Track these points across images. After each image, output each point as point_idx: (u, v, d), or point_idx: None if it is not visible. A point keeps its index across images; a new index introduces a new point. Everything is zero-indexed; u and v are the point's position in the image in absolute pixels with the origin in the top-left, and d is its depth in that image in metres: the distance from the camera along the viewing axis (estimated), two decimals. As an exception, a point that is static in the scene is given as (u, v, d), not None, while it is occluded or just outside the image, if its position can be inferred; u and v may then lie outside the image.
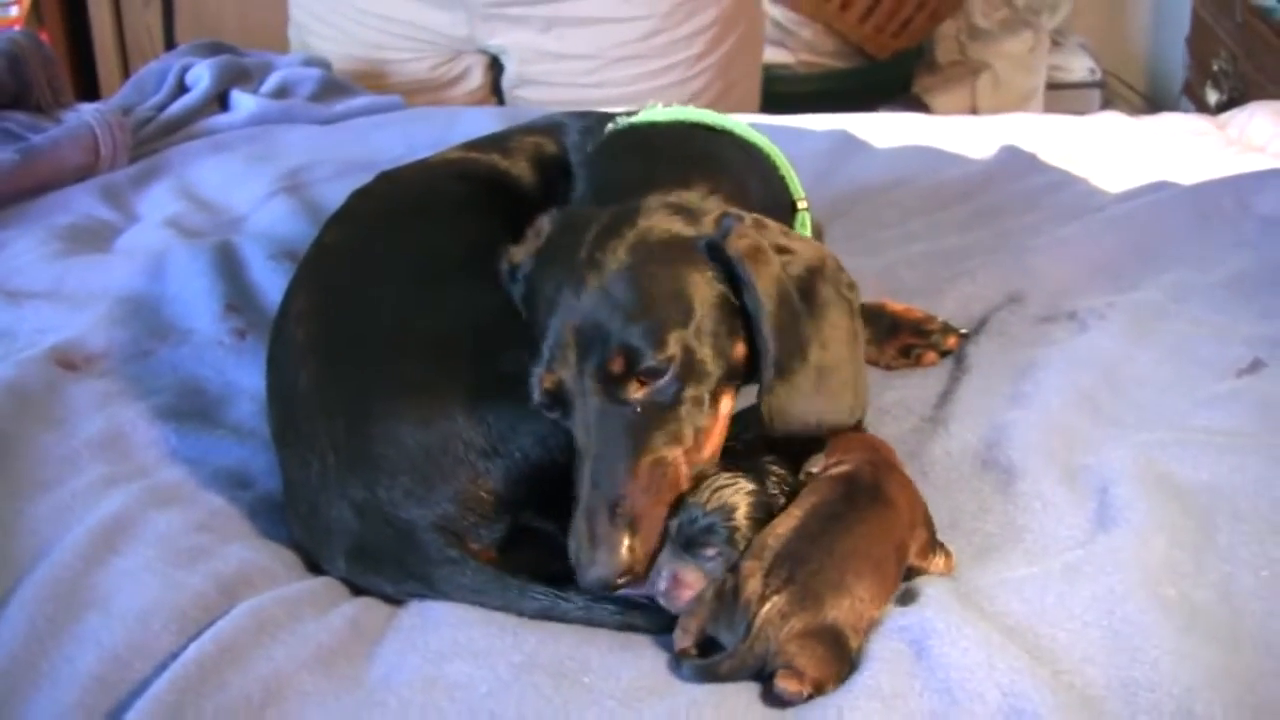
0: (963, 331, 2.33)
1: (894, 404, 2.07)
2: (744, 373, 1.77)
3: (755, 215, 1.83)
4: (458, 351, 1.84)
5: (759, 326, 1.73)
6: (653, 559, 1.64)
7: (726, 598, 1.55)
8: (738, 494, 1.66)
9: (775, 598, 1.52)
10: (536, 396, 1.72)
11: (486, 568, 1.72)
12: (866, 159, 3.08)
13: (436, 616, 1.68)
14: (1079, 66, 5.94)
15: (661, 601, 1.63)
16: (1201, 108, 4.88)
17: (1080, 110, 3.73)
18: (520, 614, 1.68)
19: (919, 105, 5.42)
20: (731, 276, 1.74)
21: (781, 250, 1.79)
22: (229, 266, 2.52)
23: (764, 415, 1.75)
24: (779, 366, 1.74)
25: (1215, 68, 4.98)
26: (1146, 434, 1.98)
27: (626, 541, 1.62)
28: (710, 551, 1.63)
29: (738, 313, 1.75)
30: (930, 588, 1.65)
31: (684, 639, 1.57)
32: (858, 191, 2.87)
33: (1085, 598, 1.62)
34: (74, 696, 1.55)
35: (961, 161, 3.07)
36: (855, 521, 1.62)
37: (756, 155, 2.13)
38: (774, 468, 1.73)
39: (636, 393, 1.68)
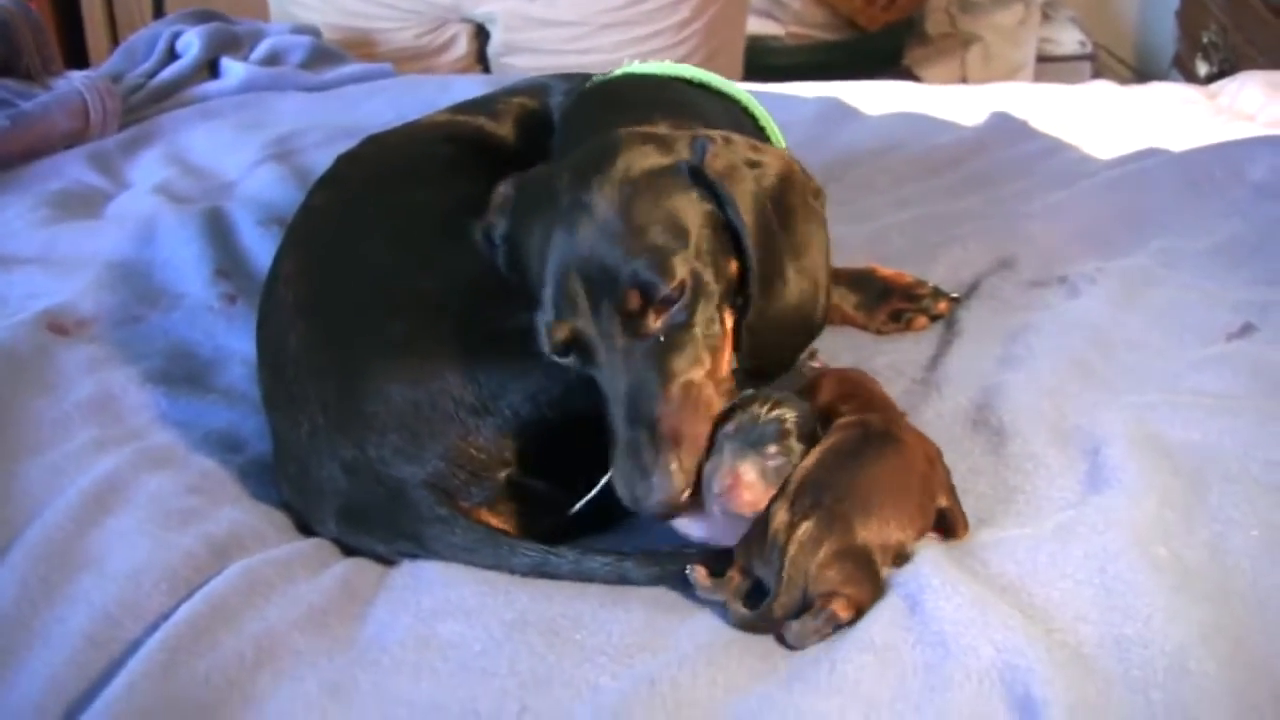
0: (953, 296, 2.33)
1: (885, 367, 2.07)
2: (738, 289, 1.78)
3: (722, 132, 1.85)
4: (447, 310, 1.84)
5: (743, 243, 1.75)
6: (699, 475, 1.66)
7: (757, 536, 1.57)
8: (788, 409, 1.68)
9: (804, 524, 1.54)
10: (549, 347, 1.72)
11: (477, 526, 1.72)
12: (858, 126, 3.08)
13: (428, 576, 1.68)
14: (1069, 39, 5.94)
15: (718, 508, 1.63)
16: (1191, 80, 4.88)
17: (1070, 83, 3.72)
18: (511, 571, 1.68)
19: (909, 77, 5.42)
20: (714, 196, 1.75)
21: (752, 164, 1.80)
22: (219, 232, 2.51)
23: (745, 338, 1.78)
24: (763, 280, 1.76)
25: (1205, 40, 4.98)
26: (1137, 396, 1.98)
27: (675, 464, 1.63)
28: (772, 448, 1.64)
29: (726, 229, 1.76)
30: (924, 549, 1.65)
31: (728, 589, 1.59)
32: (849, 157, 2.87)
33: (1077, 557, 1.62)
34: (66, 655, 1.55)
35: (953, 128, 3.07)
36: (874, 456, 1.64)
37: (735, 108, 2.13)
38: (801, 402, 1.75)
39: (654, 323, 1.69)
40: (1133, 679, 1.46)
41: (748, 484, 1.62)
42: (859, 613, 1.55)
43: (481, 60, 3.92)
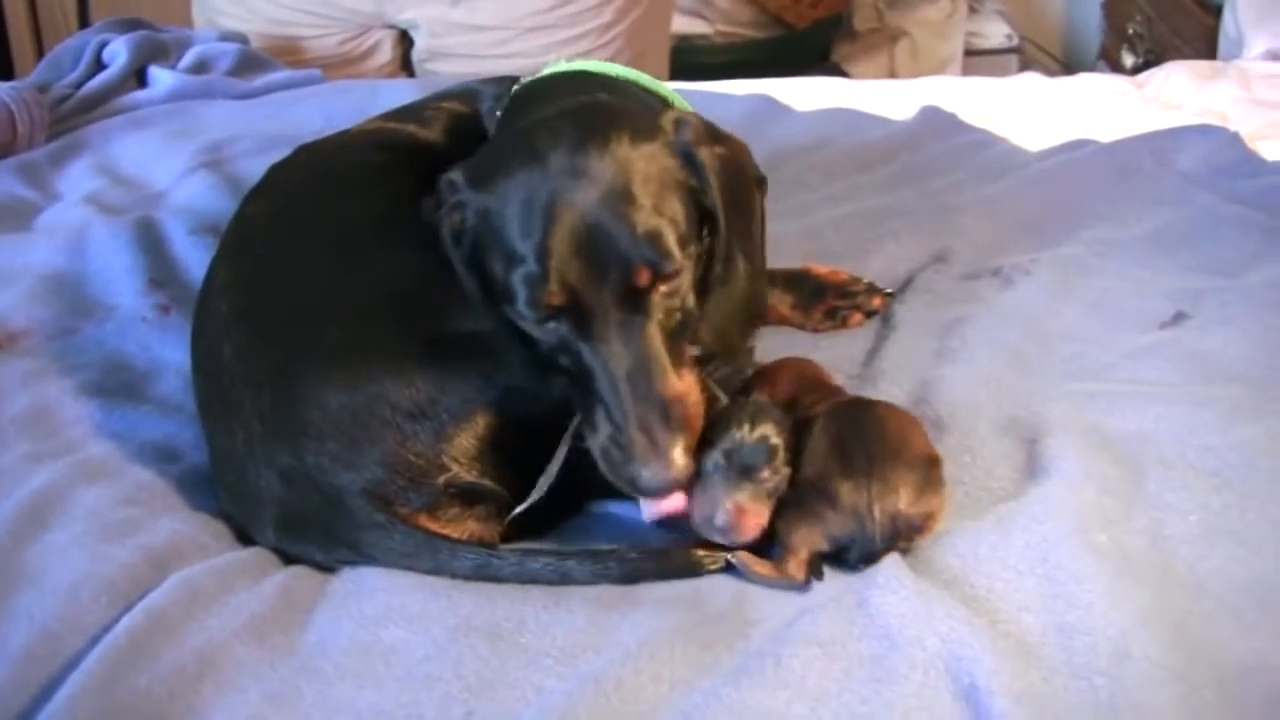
0: (888, 291, 2.34)
1: (823, 363, 2.06)
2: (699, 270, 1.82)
3: (690, 113, 1.88)
4: (383, 316, 1.83)
5: (715, 228, 1.80)
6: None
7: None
8: (767, 424, 1.69)
9: (876, 484, 1.62)
10: (534, 313, 1.71)
11: (415, 531, 1.71)
12: (788, 122, 3.09)
13: (370, 583, 1.67)
14: (995, 32, 5.97)
15: (720, 538, 1.66)
16: (1117, 71, 4.91)
17: (997, 76, 3.75)
18: (453, 575, 1.68)
19: (838, 73, 5.44)
20: (696, 177, 1.78)
21: (719, 149, 1.83)
22: (151, 242, 2.49)
23: (708, 319, 1.83)
24: (728, 258, 1.82)
25: (1130, 31, 5.02)
26: (1074, 386, 2.00)
27: (682, 445, 1.67)
28: (765, 473, 1.66)
29: (699, 211, 1.79)
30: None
31: (794, 572, 1.63)
32: (780, 154, 2.88)
33: (1019, 547, 1.63)
34: (6, 671, 1.53)
35: (883, 123, 3.09)
36: (874, 416, 1.73)
37: (660, 103, 2.12)
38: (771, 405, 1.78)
39: (655, 299, 1.71)
40: (1076, 666, 1.47)
41: (750, 510, 1.66)
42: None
43: (406, 66, 3.92)
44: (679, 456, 1.67)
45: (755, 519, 1.66)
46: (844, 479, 1.62)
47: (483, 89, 2.25)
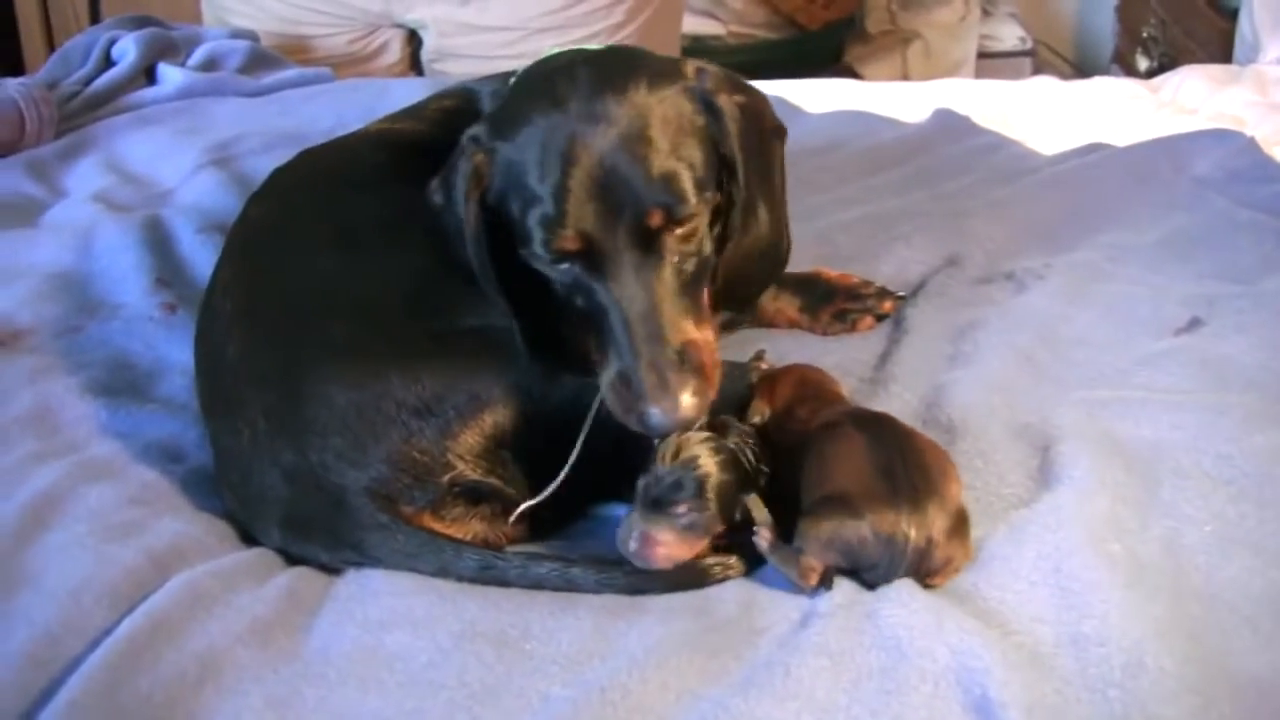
0: (899, 295, 2.33)
1: (833, 367, 2.05)
2: (715, 218, 1.85)
3: (711, 64, 1.89)
4: (388, 313, 1.83)
5: (736, 175, 1.82)
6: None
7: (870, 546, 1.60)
8: (697, 445, 1.67)
9: (913, 516, 1.59)
10: (550, 253, 1.73)
11: (419, 531, 1.70)
12: (800, 124, 3.07)
13: (374, 586, 1.66)
14: (1009, 35, 5.96)
15: (636, 561, 1.64)
16: (1131, 75, 4.90)
17: (1010, 79, 3.74)
18: (457, 577, 1.67)
19: (851, 75, 5.43)
20: (716, 125, 1.80)
21: (739, 98, 1.86)
22: (158, 241, 2.49)
23: (721, 269, 1.87)
24: (744, 211, 1.84)
25: (1145, 35, 5.00)
26: (1087, 392, 1.98)
27: (693, 388, 1.68)
28: (681, 509, 1.64)
29: (719, 159, 1.81)
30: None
31: (804, 579, 1.61)
32: (792, 156, 2.81)
33: (1031, 558, 1.62)
34: (7, 675, 1.51)
35: (895, 125, 3.08)
36: (918, 446, 1.69)
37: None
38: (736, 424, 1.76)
39: (669, 244, 1.73)
40: (1090, 677, 1.46)
41: (661, 541, 1.64)
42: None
43: (415, 66, 3.92)
44: (688, 399, 1.67)
45: (666, 550, 1.64)
46: (887, 505, 1.59)
47: (479, 87, 2.24)
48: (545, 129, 1.75)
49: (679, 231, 1.73)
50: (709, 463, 1.65)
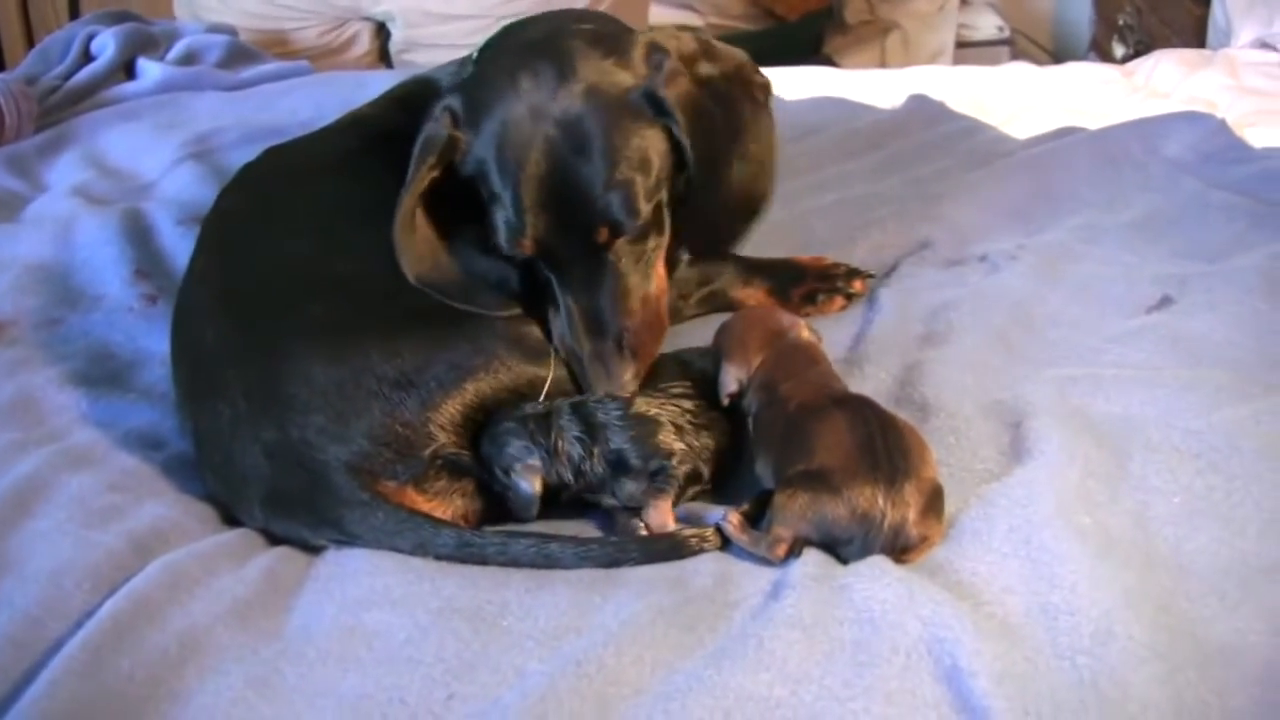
0: (869, 274, 2.35)
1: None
2: (680, 195, 1.94)
3: (672, 30, 1.98)
4: (366, 290, 1.86)
5: (688, 160, 1.88)
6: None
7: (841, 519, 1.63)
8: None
9: (895, 492, 1.62)
10: (511, 250, 1.86)
11: (399, 509, 1.71)
12: (777, 110, 3.08)
13: (353, 565, 1.67)
14: (987, 24, 5.97)
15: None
16: (1108, 62, 4.91)
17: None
18: (435, 555, 1.67)
19: (830, 65, 5.42)
20: (667, 120, 1.87)
21: (704, 68, 1.94)
22: (138, 233, 2.50)
23: (687, 224, 1.97)
24: (705, 172, 1.91)
25: (1121, 22, 5.02)
26: (1059, 370, 2.00)
27: (632, 370, 1.86)
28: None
29: (675, 142, 1.88)
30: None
31: (771, 552, 1.64)
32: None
33: (1002, 531, 1.63)
34: (-12, 658, 1.53)
35: (871, 111, 3.09)
36: (898, 428, 1.70)
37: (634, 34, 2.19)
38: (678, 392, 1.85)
39: (620, 247, 1.85)
40: (1060, 646, 1.47)
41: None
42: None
43: (384, 58, 3.95)
44: (630, 382, 1.85)
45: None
46: (866, 482, 1.61)
47: (436, 72, 2.27)
48: (504, 126, 1.84)
49: (629, 236, 1.85)
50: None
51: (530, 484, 1.73)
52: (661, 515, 1.74)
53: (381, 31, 3.89)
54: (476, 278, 1.94)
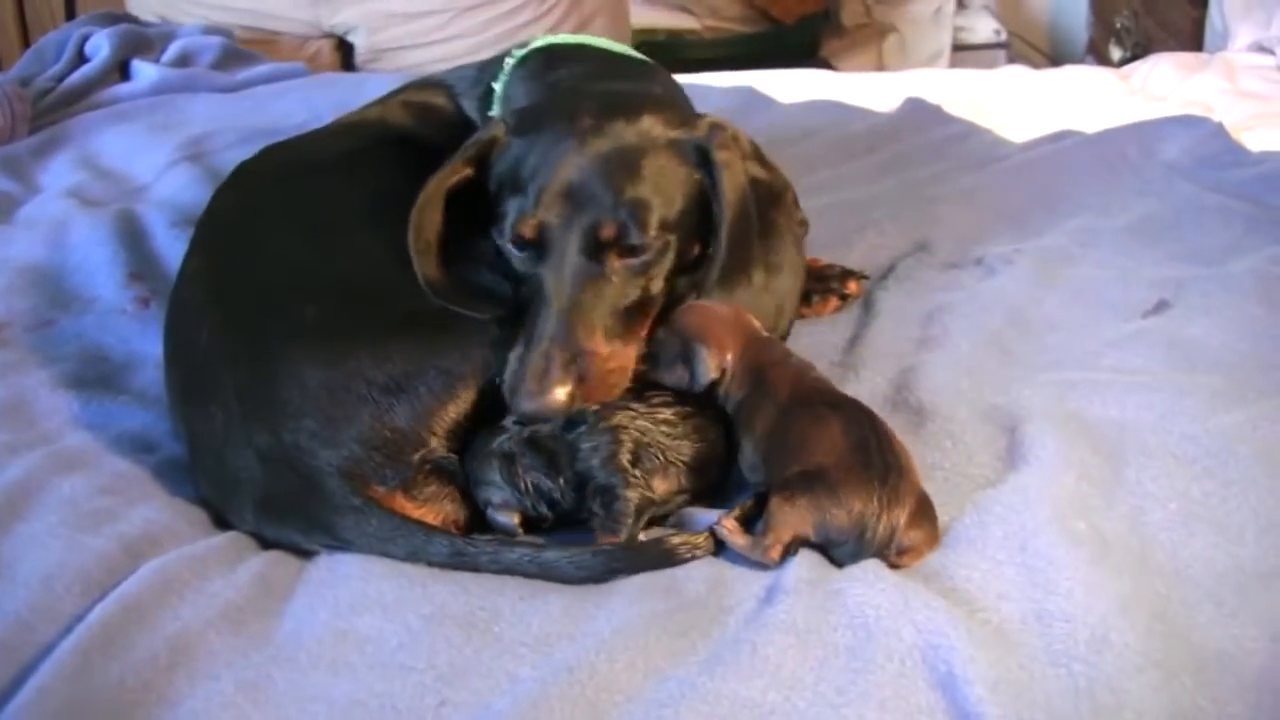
0: (863, 275, 2.34)
1: (803, 350, 2.05)
2: (691, 269, 1.93)
3: (735, 129, 1.98)
4: (359, 294, 1.86)
5: (718, 231, 1.89)
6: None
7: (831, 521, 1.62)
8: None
9: (888, 495, 1.62)
10: (511, 236, 1.86)
11: (392, 516, 1.70)
12: (772, 114, 3.09)
13: (345, 570, 1.66)
14: (983, 27, 5.96)
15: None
16: (1105, 65, 4.91)
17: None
18: (429, 561, 1.66)
19: (826, 68, 5.41)
20: (710, 179, 1.89)
21: (755, 168, 1.97)
22: (131, 235, 2.49)
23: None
24: (724, 271, 1.89)
25: (1118, 25, 5.01)
26: (1055, 374, 1.99)
27: (570, 389, 1.77)
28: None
29: (706, 214, 1.90)
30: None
31: (766, 555, 1.63)
32: (764, 145, 2.84)
33: (998, 536, 1.63)
34: (-22, 662, 1.52)
35: (867, 114, 3.09)
36: (887, 430, 1.71)
37: (661, 73, 2.27)
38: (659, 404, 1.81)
39: (614, 261, 1.83)
40: (1055, 653, 1.47)
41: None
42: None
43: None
44: (561, 395, 1.76)
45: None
46: (862, 483, 1.61)
47: (448, 76, 2.29)
48: (553, 139, 1.87)
49: (629, 258, 1.84)
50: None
51: (508, 518, 1.74)
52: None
53: (341, 47, 3.87)
54: (471, 283, 1.94)
